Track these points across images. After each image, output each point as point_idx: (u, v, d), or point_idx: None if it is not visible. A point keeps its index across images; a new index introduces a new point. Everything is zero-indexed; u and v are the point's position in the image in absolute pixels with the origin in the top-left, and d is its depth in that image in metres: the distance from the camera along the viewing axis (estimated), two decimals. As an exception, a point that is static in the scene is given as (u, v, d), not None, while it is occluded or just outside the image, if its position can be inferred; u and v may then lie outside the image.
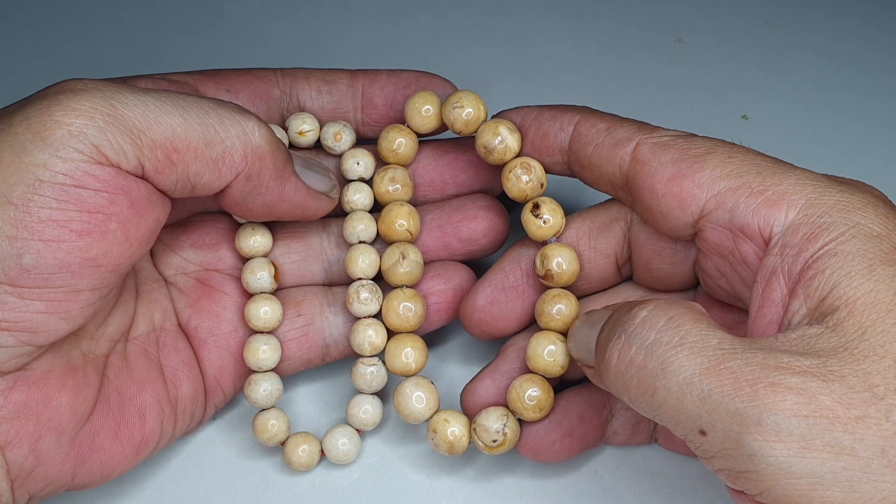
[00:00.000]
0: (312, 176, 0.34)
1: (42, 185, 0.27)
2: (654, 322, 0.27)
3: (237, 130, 0.31)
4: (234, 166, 0.31)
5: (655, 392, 0.26)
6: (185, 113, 0.30)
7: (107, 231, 0.29)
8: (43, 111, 0.28)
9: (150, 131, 0.29)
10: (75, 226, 0.28)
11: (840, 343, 0.26)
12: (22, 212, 0.27)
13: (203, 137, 0.30)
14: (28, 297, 0.28)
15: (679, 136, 0.31)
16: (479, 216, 0.36)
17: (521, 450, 0.34)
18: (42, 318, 0.28)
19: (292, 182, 0.33)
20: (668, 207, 0.30)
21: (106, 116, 0.28)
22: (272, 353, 0.35)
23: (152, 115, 0.29)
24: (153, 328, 0.34)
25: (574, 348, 0.32)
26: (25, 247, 0.27)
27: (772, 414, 0.24)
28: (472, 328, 0.35)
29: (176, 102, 0.30)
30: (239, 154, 0.31)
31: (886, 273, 0.26)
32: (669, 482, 0.35)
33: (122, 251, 0.29)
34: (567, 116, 0.33)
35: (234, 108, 0.31)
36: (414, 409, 0.34)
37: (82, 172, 0.28)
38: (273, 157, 0.32)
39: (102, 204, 0.28)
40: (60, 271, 0.28)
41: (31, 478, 0.30)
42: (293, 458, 0.35)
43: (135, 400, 0.33)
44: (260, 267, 0.35)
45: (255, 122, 0.31)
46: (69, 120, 0.28)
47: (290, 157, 0.33)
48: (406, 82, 0.37)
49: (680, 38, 0.47)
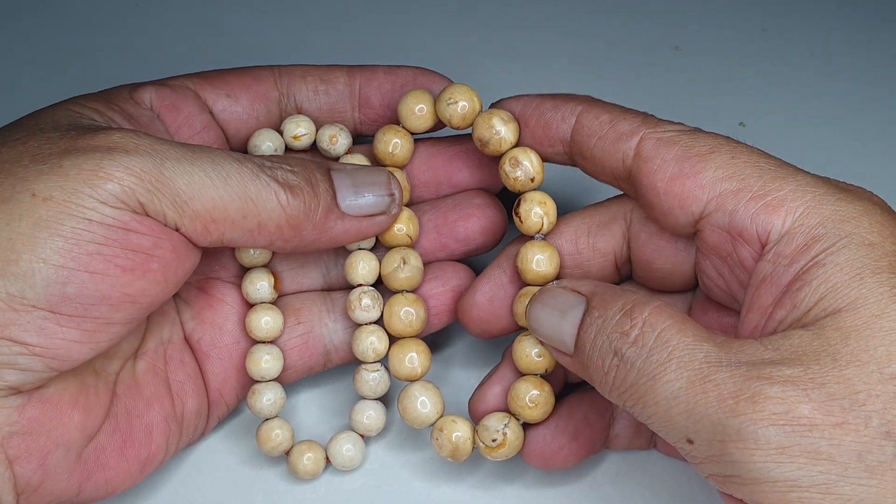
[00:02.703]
0: (367, 201, 0.33)
1: (91, 224, 0.28)
2: (645, 341, 0.28)
3: (273, 204, 0.31)
4: (268, 234, 0.32)
5: (646, 405, 0.27)
6: (226, 185, 0.30)
7: (149, 270, 0.29)
8: (95, 162, 0.29)
9: (193, 202, 0.30)
10: (120, 262, 0.29)
11: (822, 348, 0.26)
12: (71, 244, 0.28)
13: (241, 211, 0.30)
14: (66, 325, 0.29)
15: (683, 132, 0.31)
16: (475, 215, 0.36)
17: (528, 458, 0.34)
18: (74, 346, 0.29)
19: (340, 226, 0.33)
20: (669, 206, 0.30)
21: (154, 181, 0.29)
22: (274, 362, 0.35)
23: (196, 188, 0.30)
24: (162, 342, 0.35)
25: (541, 334, 0.31)
26: (71, 276, 0.28)
27: (750, 424, 0.25)
28: (471, 326, 0.35)
29: (220, 172, 0.30)
30: (274, 225, 0.31)
31: (874, 281, 0.27)
32: (669, 490, 0.35)
33: (159, 291, 0.30)
34: (569, 106, 0.33)
35: (273, 179, 0.31)
36: (419, 414, 0.34)
37: (129, 218, 0.29)
38: (309, 219, 0.32)
39: (147, 245, 0.29)
40: (101, 303, 0.29)
41: (38, 493, 0.30)
42: (299, 467, 0.35)
43: (142, 417, 0.33)
44: (259, 277, 0.35)
45: (291, 190, 0.31)
46: (121, 176, 0.29)
47: (333, 199, 0.33)
48: (403, 80, 0.37)
49: (677, 46, 0.47)
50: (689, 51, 0.47)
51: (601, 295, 0.30)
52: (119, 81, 0.36)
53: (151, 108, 0.35)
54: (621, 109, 0.32)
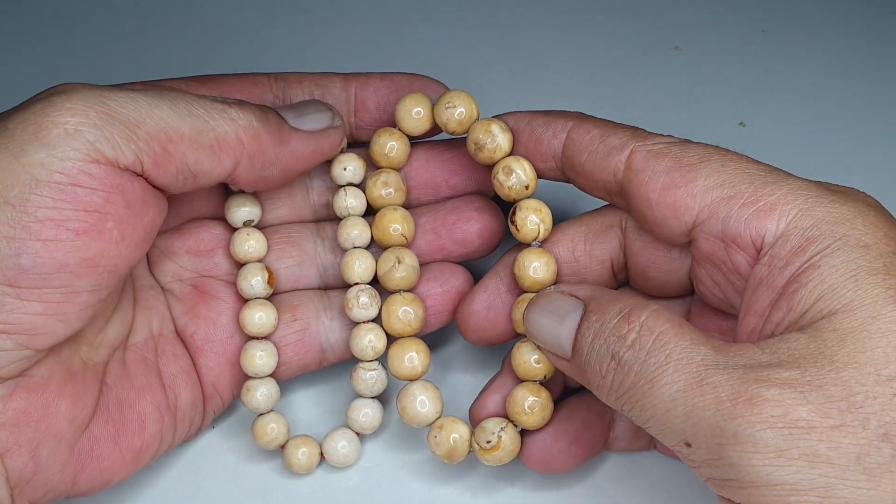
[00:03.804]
0: (310, 119, 0.34)
1: (39, 185, 0.28)
2: (643, 344, 0.28)
3: (223, 118, 0.31)
4: (230, 150, 0.31)
5: (643, 408, 0.27)
6: (173, 106, 0.30)
7: (103, 230, 0.29)
8: (38, 113, 0.28)
9: (144, 124, 0.29)
10: (72, 225, 0.28)
11: (820, 350, 0.26)
12: (19, 212, 0.28)
13: (194, 127, 0.30)
14: (27, 298, 0.28)
15: (673, 144, 0.31)
16: (473, 218, 0.36)
17: (528, 462, 0.34)
18: (40, 319, 0.29)
19: (295, 138, 0.33)
20: (663, 217, 0.31)
21: (100, 114, 0.28)
22: (268, 358, 0.35)
23: (143, 110, 0.29)
24: (151, 335, 0.35)
25: (539, 339, 0.32)
26: (23, 247, 0.28)
27: (748, 427, 0.25)
28: (469, 335, 0.35)
29: (163, 97, 0.30)
30: (232, 137, 0.31)
31: (869, 282, 0.27)
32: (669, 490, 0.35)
33: (119, 251, 0.30)
34: (560, 123, 0.33)
35: (216, 99, 0.31)
36: (418, 413, 0.34)
37: (78, 171, 0.28)
38: (266, 128, 0.32)
39: (98, 203, 0.29)
40: (59, 271, 0.28)
41: (31, 485, 0.30)
42: (293, 461, 0.35)
43: (134, 407, 0.33)
44: (254, 273, 0.35)
45: (238, 107, 0.32)
46: (65, 119, 0.28)
47: (281, 118, 0.33)
48: (399, 85, 0.37)
49: (677, 46, 0.48)
50: (689, 51, 0.47)
51: (598, 299, 0.30)
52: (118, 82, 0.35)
53: None
54: (611, 124, 0.33)
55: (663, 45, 0.48)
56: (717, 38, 0.48)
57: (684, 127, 0.40)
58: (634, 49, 0.47)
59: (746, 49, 0.47)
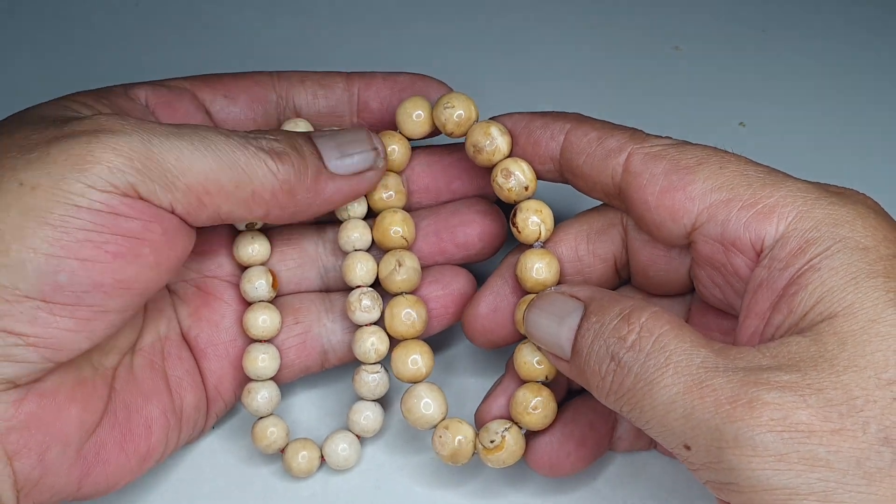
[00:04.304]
0: (353, 160, 0.34)
1: (79, 210, 0.28)
2: (642, 346, 0.28)
3: (263, 171, 0.31)
4: (264, 203, 0.32)
5: (643, 410, 0.27)
6: (216, 156, 0.30)
7: (140, 255, 0.29)
8: (83, 146, 0.29)
9: (184, 176, 0.30)
10: (110, 248, 0.29)
11: (820, 354, 0.26)
12: (60, 232, 0.28)
13: (234, 180, 0.31)
14: (59, 314, 0.29)
15: (671, 146, 0.31)
16: (475, 221, 0.36)
17: (535, 466, 0.34)
18: (69, 335, 0.29)
19: (331, 186, 0.33)
20: (661, 219, 0.31)
21: (143, 159, 0.29)
22: (271, 361, 0.35)
23: (186, 161, 0.30)
24: (159, 338, 0.35)
25: (539, 339, 0.32)
26: (62, 265, 0.28)
27: (748, 430, 0.25)
28: (475, 338, 0.35)
29: (208, 145, 0.30)
30: (268, 192, 0.31)
31: (870, 285, 0.27)
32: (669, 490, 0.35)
33: (152, 276, 0.30)
34: (558, 125, 0.33)
35: (260, 148, 0.31)
36: (422, 415, 0.34)
37: (118, 202, 0.29)
38: (301, 182, 0.32)
39: (137, 230, 0.29)
40: (93, 290, 0.29)
41: (38, 488, 0.30)
42: (293, 465, 0.35)
43: (141, 412, 0.33)
44: (258, 276, 0.35)
45: (278, 157, 0.32)
46: (109, 158, 0.28)
47: (320, 161, 0.33)
48: (402, 85, 0.37)
49: (677, 46, 0.48)
50: (689, 51, 0.47)
51: (599, 300, 0.30)
52: (118, 82, 0.36)
53: (146, 105, 0.35)
54: (609, 126, 0.32)
55: (663, 45, 0.48)
56: (717, 38, 0.48)
57: (684, 127, 0.40)
58: (634, 49, 0.47)
59: (746, 49, 0.47)
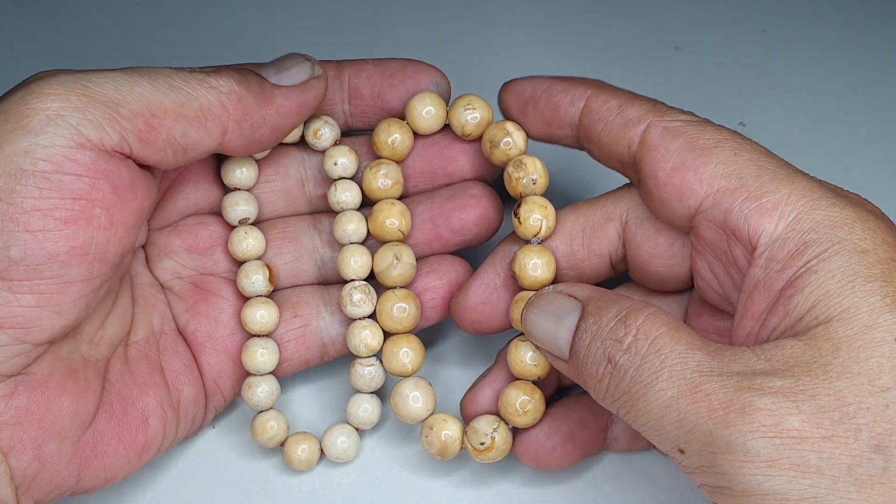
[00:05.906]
0: (291, 73, 0.33)
1: (24, 175, 0.28)
2: (638, 348, 0.28)
3: (204, 86, 0.31)
4: (216, 118, 0.31)
5: (638, 413, 0.27)
6: (153, 81, 0.30)
7: (91, 217, 0.29)
8: (18, 101, 0.28)
9: (126, 103, 0.29)
10: (59, 214, 0.28)
11: (814, 359, 0.26)
12: (5, 203, 0.28)
13: (176, 100, 0.30)
14: (18, 291, 0.28)
15: (690, 123, 0.31)
16: (470, 205, 0.36)
17: (521, 457, 0.34)
18: (34, 312, 0.29)
19: (279, 95, 0.33)
20: (668, 197, 0.30)
21: (81, 96, 0.28)
22: (270, 356, 0.35)
23: (124, 89, 0.29)
24: (153, 332, 0.35)
25: (537, 339, 0.32)
26: (12, 239, 0.28)
27: (740, 436, 0.25)
28: (464, 327, 0.35)
29: (142, 74, 0.30)
30: (216, 105, 0.31)
31: (866, 289, 0.27)
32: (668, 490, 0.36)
33: (109, 237, 0.29)
34: (579, 90, 0.33)
35: (193, 69, 0.31)
36: (411, 410, 0.34)
37: (63, 157, 0.28)
38: (247, 90, 0.32)
39: (85, 190, 0.28)
40: (49, 261, 0.28)
41: (36, 483, 0.30)
42: (293, 458, 0.35)
43: (137, 403, 0.33)
44: (254, 270, 0.35)
45: (216, 74, 0.31)
46: (45, 105, 0.28)
47: (261, 77, 0.33)
48: (392, 71, 0.36)
49: (677, 46, 0.48)
50: (689, 51, 0.47)
51: (596, 301, 0.30)
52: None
53: None
54: (631, 95, 0.32)
55: (663, 45, 0.47)
56: (717, 38, 0.48)
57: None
58: (634, 49, 0.47)
59: (746, 49, 0.47)
